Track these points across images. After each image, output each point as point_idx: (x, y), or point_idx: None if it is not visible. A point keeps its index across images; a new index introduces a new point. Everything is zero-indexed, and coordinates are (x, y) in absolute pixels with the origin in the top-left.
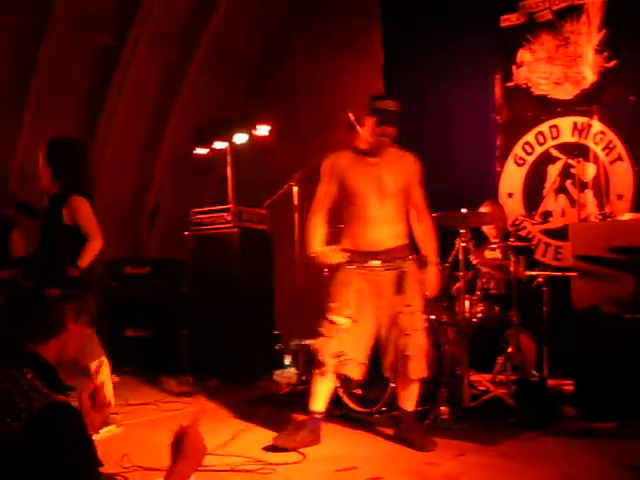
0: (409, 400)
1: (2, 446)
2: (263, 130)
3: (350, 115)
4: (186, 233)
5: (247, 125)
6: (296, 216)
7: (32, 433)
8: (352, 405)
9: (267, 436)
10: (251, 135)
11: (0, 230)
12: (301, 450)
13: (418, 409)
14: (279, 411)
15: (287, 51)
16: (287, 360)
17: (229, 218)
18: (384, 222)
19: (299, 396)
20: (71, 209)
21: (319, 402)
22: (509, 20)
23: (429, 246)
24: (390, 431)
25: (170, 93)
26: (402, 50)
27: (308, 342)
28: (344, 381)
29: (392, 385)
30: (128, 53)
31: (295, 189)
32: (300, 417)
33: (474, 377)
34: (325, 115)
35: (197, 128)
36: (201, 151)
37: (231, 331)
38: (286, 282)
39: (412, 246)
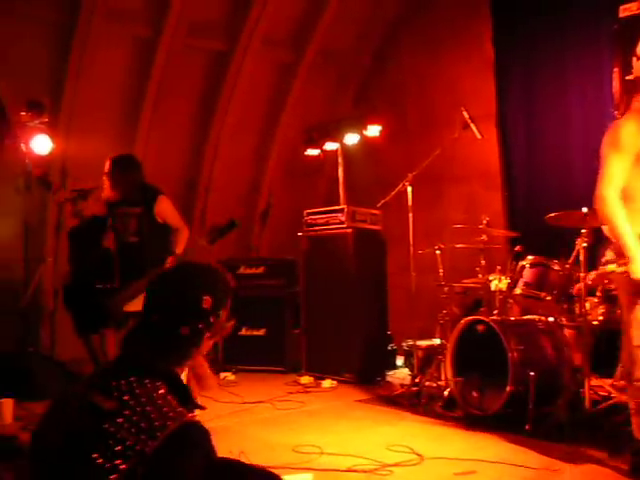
0: None
1: (134, 464)
2: (373, 130)
3: (465, 113)
4: (299, 233)
5: (358, 126)
6: (410, 216)
7: (165, 452)
8: (469, 408)
9: (382, 436)
10: (361, 135)
11: (95, 229)
12: (418, 451)
13: None
14: (394, 411)
15: (396, 50)
16: (399, 360)
17: (343, 218)
18: None
19: (412, 397)
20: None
21: None
22: (629, 9)
23: None
24: (507, 435)
25: (281, 95)
26: (514, 46)
27: (421, 343)
28: (461, 384)
29: (508, 389)
30: (239, 57)
31: (409, 188)
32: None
33: (595, 382)
34: (435, 114)
35: (308, 130)
36: (312, 152)
37: (344, 331)
38: (398, 282)
39: None
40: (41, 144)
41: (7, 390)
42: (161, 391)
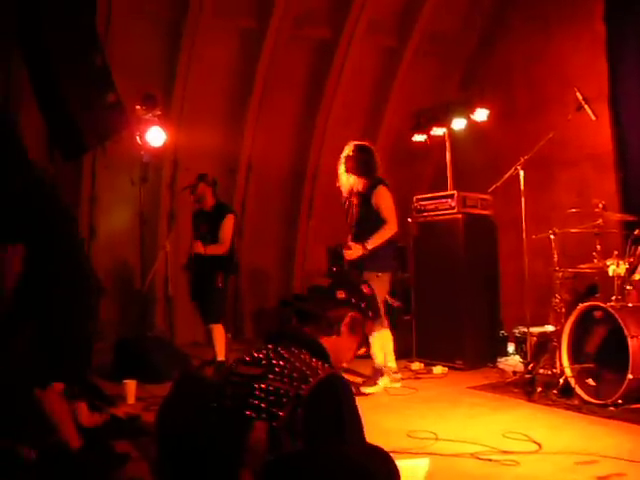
0: None
1: (292, 407)
2: (481, 114)
3: (578, 94)
4: (409, 219)
5: (465, 110)
6: (523, 200)
7: (320, 393)
8: (586, 396)
9: (498, 423)
10: (469, 119)
11: (216, 215)
12: (536, 440)
13: None
14: (508, 399)
15: (503, 31)
16: (511, 347)
17: (453, 204)
18: None
19: (526, 384)
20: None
21: None
22: None
23: None
24: (628, 425)
25: (386, 80)
26: (626, 22)
27: (534, 330)
28: (578, 371)
29: (630, 377)
30: (345, 44)
31: (521, 173)
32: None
33: None
34: (543, 95)
35: (415, 115)
36: (419, 138)
37: (454, 317)
38: (509, 268)
39: None
40: (155, 136)
41: (129, 373)
42: (304, 356)
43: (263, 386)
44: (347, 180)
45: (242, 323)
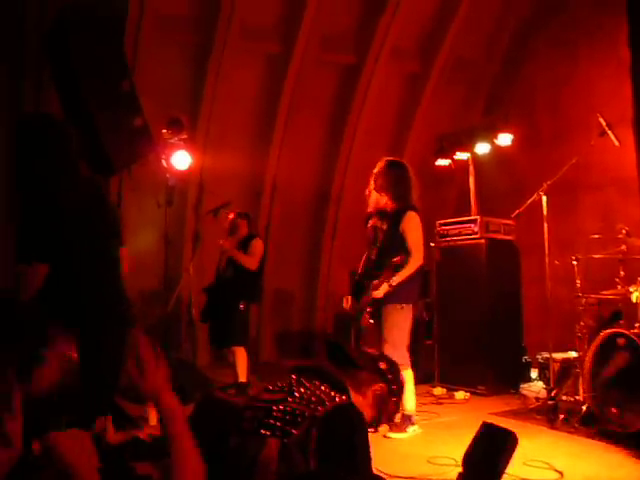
0: None
1: (307, 426)
2: (505, 139)
3: (601, 120)
4: (432, 244)
5: (489, 135)
6: (545, 225)
7: (334, 416)
8: (608, 424)
9: (519, 450)
10: (492, 144)
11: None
12: (558, 468)
13: None
14: (530, 425)
15: (528, 56)
16: (533, 373)
17: (476, 229)
18: None
19: (549, 411)
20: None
21: None
22: None
23: None
24: None
25: (410, 105)
26: None
27: (557, 356)
28: (600, 399)
29: None
30: (369, 69)
31: (544, 198)
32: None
33: None
34: (568, 121)
35: (439, 139)
36: (442, 162)
37: (477, 342)
38: (532, 293)
39: None
40: (181, 160)
41: None
42: (325, 388)
43: (281, 407)
44: (375, 199)
45: (264, 345)
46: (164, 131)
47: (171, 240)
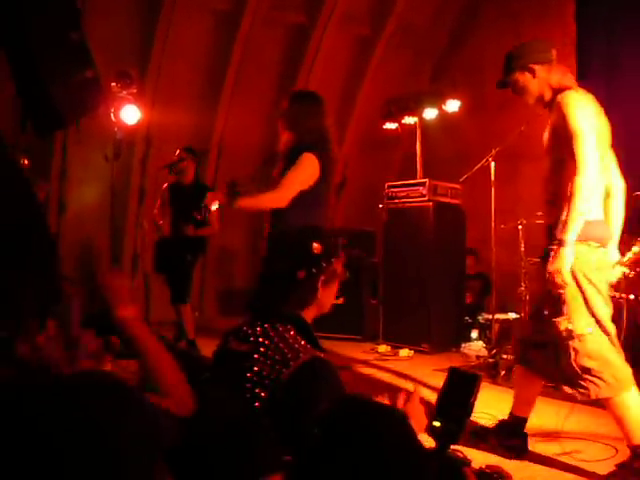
0: None
1: (272, 390)
2: (453, 105)
3: None
4: (380, 206)
5: (436, 100)
6: (493, 191)
7: (298, 378)
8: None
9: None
10: (440, 110)
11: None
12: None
13: None
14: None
15: (475, 25)
16: (474, 333)
17: (424, 192)
18: None
19: (490, 368)
20: None
21: None
22: None
23: None
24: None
25: (359, 69)
26: (596, 22)
27: (499, 317)
28: None
29: None
30: (319, 31)
31: (492, 164)
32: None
33: None
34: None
35: (386, 103)
36: (390, 126)
37: (421, 302)
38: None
39: None
40: (129, 114)
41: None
42: (292, 332)
43: (248, 365)
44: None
45: (208, 302)
46: (113, 84)
47: (117, 194)
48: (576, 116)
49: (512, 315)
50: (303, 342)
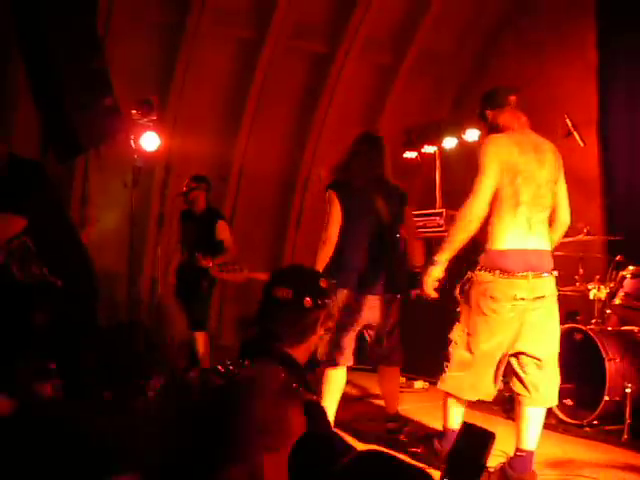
0: None
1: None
2: (472, 134)
3: (568, 120)
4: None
5: (456, 129)
6: None
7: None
8: (562, 415)
9: None
10: (460, 139)
11: (208, 219)
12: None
13: None
14: (487, 416)
15: (497, 54)
16: None
17: (441, 222)
18: None
19: (505, 402)
20: None
21: None
22: None
23: None
24: (602, 445)
25: (380, 97)
26: (617, 51)
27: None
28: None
29: (606, 399)
30: (340, 59)
31: None
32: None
33: None
34: (534, 120)
35: (407, 132)
36: (410, 155)
37: (438, 333)
38: None
39: None
40: (149, 141)
41: None
42: (282, 375)
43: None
44: None
45: (226, 329)
46: (133, 111)
47: (136, 221)
48: (484, 154)
49: None
50: (295, 385)
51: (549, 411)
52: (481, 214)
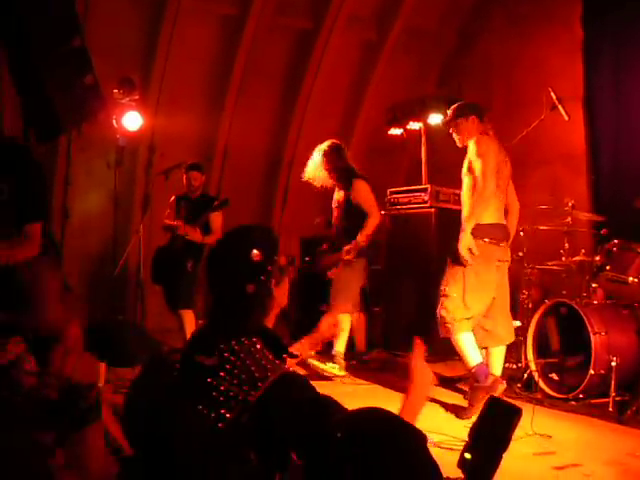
0: None
1: (238, 412)
2: None
3: (552, 94)
4: (382, 212)
5: (442, 106)
6: None
7: (266, 402)
8: (548, 390)
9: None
10: (445, 115)
11: (202, 204)
12: None
13: None
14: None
15: (481, 30)
16: None
17: (426, 198)
18: None
19: None
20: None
21: None
22: None
23: None
24: (588, 419)
25: (365, 73)
26: (603, 26)
27: None
28: (542, 366)
29: (591, 372)
30: (325, 35)
31: None
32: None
33: None
34: (521, 94)
35: (391, 108)
36: (395, 131)
37: (423, 309)
38: None
39: None
40: (132, 120)
41: (98, 356)
42: (258, 346)
43: (215, 383)
44: None
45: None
46: (115, 91)
47: (120, 201)
48: (487, 151)
49: (515, 323)
50: (271, 356)
51: (535, 386)
52: (491, 191)
